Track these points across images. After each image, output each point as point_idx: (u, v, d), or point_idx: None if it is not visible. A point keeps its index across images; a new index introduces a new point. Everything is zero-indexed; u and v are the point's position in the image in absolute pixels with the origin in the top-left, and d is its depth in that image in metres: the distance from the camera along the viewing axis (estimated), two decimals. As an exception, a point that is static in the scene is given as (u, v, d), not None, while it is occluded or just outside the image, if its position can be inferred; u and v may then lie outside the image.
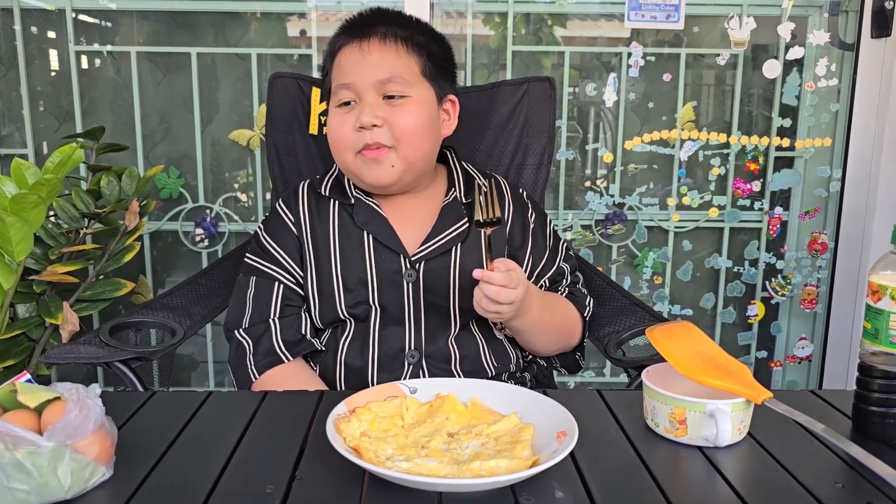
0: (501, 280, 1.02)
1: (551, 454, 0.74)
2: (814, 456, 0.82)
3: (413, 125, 1.15)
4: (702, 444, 0.83)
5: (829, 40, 2.01)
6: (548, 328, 1.22)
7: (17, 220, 1.34)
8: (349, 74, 1.15)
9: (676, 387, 0.85)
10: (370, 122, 1.12)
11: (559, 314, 1.25)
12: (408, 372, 1.17)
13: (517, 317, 1.11)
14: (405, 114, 1.15)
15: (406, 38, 1.17)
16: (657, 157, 2.10)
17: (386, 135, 1.14)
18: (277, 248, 1.22)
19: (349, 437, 0.78)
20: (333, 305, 1.19)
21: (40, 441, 0.67)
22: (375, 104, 1.14)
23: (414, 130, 1.15)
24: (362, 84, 1.14)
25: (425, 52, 1.18)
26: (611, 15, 2.03)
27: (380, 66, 1.14)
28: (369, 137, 1.13)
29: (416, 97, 1.16)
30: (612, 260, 2.16)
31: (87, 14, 2.01)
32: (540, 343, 1.25)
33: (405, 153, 1.15)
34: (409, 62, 1.17)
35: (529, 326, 1.18)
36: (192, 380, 2.24)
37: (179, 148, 2.09)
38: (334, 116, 1.18)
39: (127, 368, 1.12)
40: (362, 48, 1.15)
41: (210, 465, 0.77)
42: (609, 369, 2.24)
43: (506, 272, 1.03)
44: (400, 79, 1.14)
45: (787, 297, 2.17)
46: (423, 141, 1.17)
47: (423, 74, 1.18)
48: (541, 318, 1.18)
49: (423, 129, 1.17)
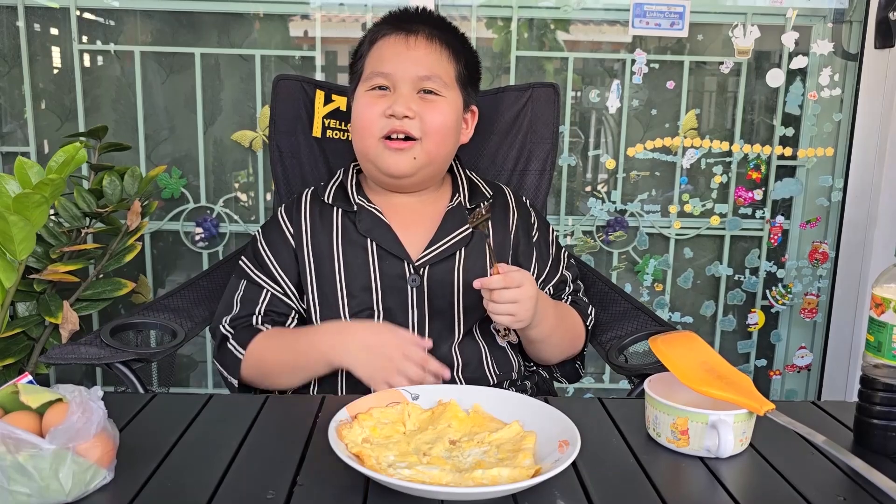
0: (498, 283, 1.03)
1: (553, 463, 0.74)
2: (815, 468, 0.82)
3: (443, 123, 1.19)
4: (704, 454, 0.83)
5: (833, 50, 2.02)
6: (561, 338, 1.24)
7: (19, 218, 1.34)
8: (390, 64, 1.18)
9: (678, 396, 0.85)
10: (403, 112, 1.15)
11: (568, 323, 1.26)
12: None
13: (535, 325, 1.12)
14: (438, 111, 1.18)
15: (448, 42, 1.22)
16: (659, 164, 2.11)
17: (416, 127, 1.17)
18: (272, 260, 1.23)
19: (351, 444, 0.78)
20: (336, 312, 1.19)
21: (42, 444, 0.67)
22: (410, 96, 1.17)
23: (442, 127, 1.19)
24: (402, 75, 1.17)
25: (462, 60, 1.23)
26: (614, 21, 2.04)
27: (422, 62, 1.18)
28: (398, 125, 1.16)
29: (448, 98, 1.20)
30: (613, 266, 2.15)
31: (92, 12, 2.01)
32: (552, 352, 1.26)
33: (429, 147, 1.18)
34: (449, 66, 1.21)
35: (546, 335, 1.19)
36: (191, 380, 2.23)
37: (182, 148, 2.09)
38: (363, 98, 1.20)
39: (128, 370, 1.11)
40: (409, 42, 1.19)
41: (211, 470, 0.77)
42: (608, 375, 2.24)
43: (504, 274, 1.04)
44: (438, 79, 1.19)
45: (788, 305, 2.17)
46: (447, 139, 1.21)
47: (457, 79, 1.22)
48: (555, 328, 1.20)
49: (450, 128, 1.21)
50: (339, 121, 1.50)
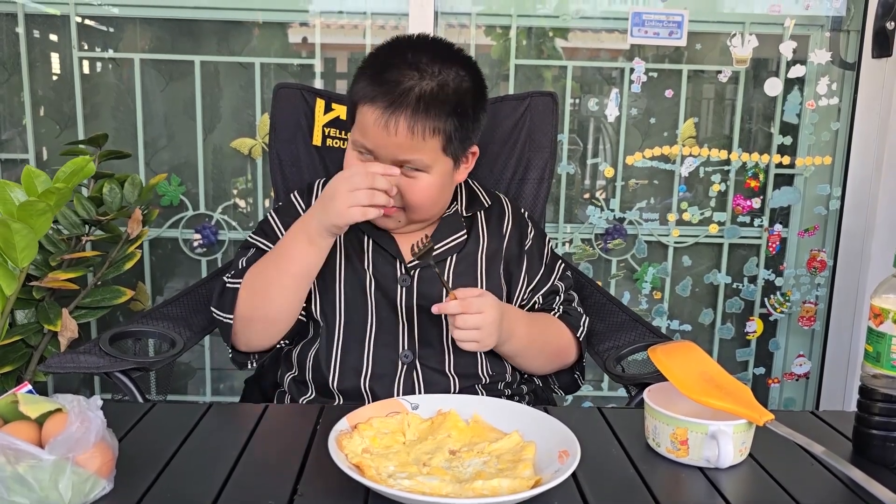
0: (455, 308, 1.05)
1: (553, 474, 0.74)
2: (814, 478, 0.82)
3: (425, 198, 1.16)
4: (703, 465, 0.83)
5: (831, 59, 2.02)
6: (539, 351, 1.24)
7: (23, 226, 1.34)
8: (370, 140, 1.12)
9: (678, 406, 0.85)
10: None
11: (550, 335, 1.25)
12: (402, 372, 1.18)
13: (503, 342, 1.13)
14: (418, 189, 1.14)
15: (436, 114, 1.10)
16: (658, 172, 2.11)
17: (398, 200, 1.14)
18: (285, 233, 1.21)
19: (351, 454, 0.78)
20: (333, 297, 1.20)
21: (42, 454, 0.67)
22: (391, 169, 1.11)
23: (425, 201, 1.16)
24: (383, 154, 1.12)
25: (452, 123, 1.12)
26: (612, 30, 2.04)
27: (403, 146, 1.10)
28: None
29: (433, 171, 1.14)
30: (611, 274, 2.16)
31: (92, 20, 2.01)
32: (533, 365, 1.26)
33: (413, 217, 1.19)
34: (433, 143, 1.12)
35: (519, 350, 1.19)
36: (189, 387, 2.23)
37: (181, 155, 2.09)
38: (352, 151, 1.17)
39: (126, 378, 1.11)
40: (388, 127, 1.09)
41: (211, 479, 0.77)
42: (606, 383, 2.24)
43: (462, 299, 1.05)
44: (420, 161, 1.12)
45: (786, 314, 2.17)
46: (434, 206, 1.20)
47: (443, 151, 1.14)
48: (531, 341, 1.20)
49: (435, 197, 1.18)
50: (340, 129, 1.50)
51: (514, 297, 1.26)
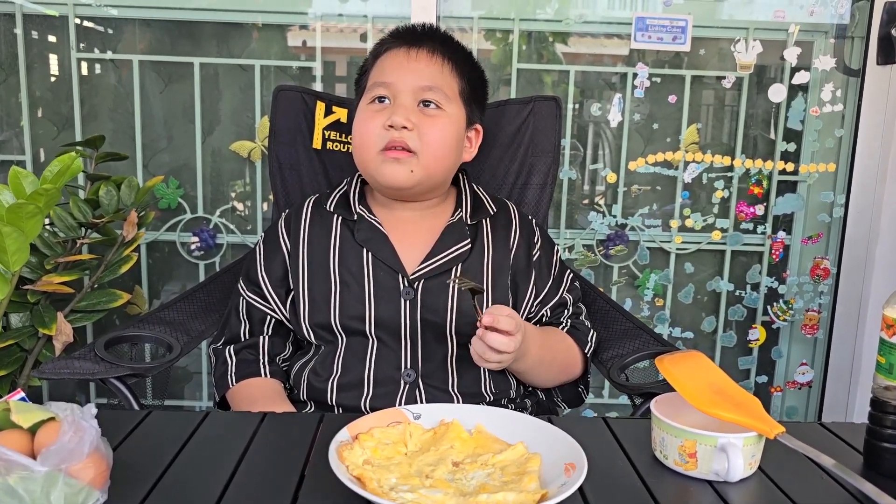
0: (508, 326, 1.00)
1: (560, 487, 0.72)
2: (825, 492, 0.80)
3: (441, 138, 1.17)
4: (712, 478, 0.81)
5: (835, 66, 2.01)
6: (548, 367, 1.22)
7: (13, 229, 1.32)
8: (390, 74, 1.18)
9: (685, 418, 0.83)
10: (401, 123, 1.14)
11: (559, 351, 1.23)
12: (404, 391, 1.15)
13: (516, 360, 1.10)
14: (437, 126, 1.17)
15: (452, 57, 1.21)
16: (660, 178, 2.09)
17: (414, 139, 1.15)
18: (265, 279, 1.24)
19: (352, 466, 0.76)
20: (327, 318, 1.18)
21: (33, 465, 0.65)
22: (410, 108, 1.16)
23: (441, 143, 1.17)
24: (402, 86, 1.16)
25: (466, 77, 1.22)
26: (613, 35, 2.03)
27: (423, 73, 1.17)
28: (397, 136, 1.14)
29: (449, 113, 1.19)
30: (613, 281, 2.14)
31: (90, 21, 1.99)
32: (540, 380, 1.25)
33: (427, 162, 1.16)
34: (451, 80, 1.20)
35: (529, 368, 1.17)
36: (185, 392, 2.21)
37: (179, 158, 2.07)
38: (363, 113, 1.20)
39: (122, 384, 1.09)
40: (409, 54, 1.19)
41: (208, 490, 0.75)
42: (608, 390, 2.22)
43: (508, 316, 1.00)
44: (439, 91, 1.17)
45: (789, 321, 2.16)
46: (446, 155, 1.19)
47: (460, 95, 1.21)
48: (541, 360, 1.18)
49: (450, 144, 1.19)
50: (340, 132, 1.48)
51: (520, 309, 1.23)
